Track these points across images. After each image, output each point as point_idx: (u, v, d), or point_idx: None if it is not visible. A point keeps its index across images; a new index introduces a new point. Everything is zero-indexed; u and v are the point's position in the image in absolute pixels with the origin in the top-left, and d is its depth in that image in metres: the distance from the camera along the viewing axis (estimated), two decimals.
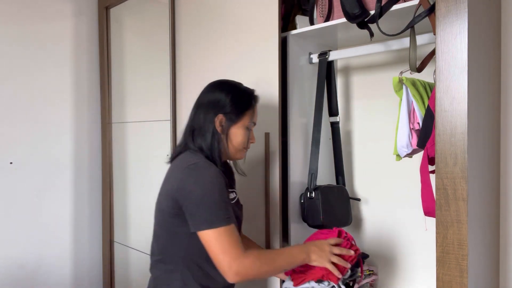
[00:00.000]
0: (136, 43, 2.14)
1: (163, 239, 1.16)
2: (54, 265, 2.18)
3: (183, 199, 1.06)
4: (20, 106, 2.05)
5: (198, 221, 1.05)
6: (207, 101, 1.18)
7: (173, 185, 1.10)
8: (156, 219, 1.19)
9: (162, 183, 1.18)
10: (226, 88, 1.19)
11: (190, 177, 1.07)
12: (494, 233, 1.17)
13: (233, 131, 1.17)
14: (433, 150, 1.07)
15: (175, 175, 1.13)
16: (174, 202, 1.09)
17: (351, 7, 1.21)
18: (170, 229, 1.13)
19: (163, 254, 1.16)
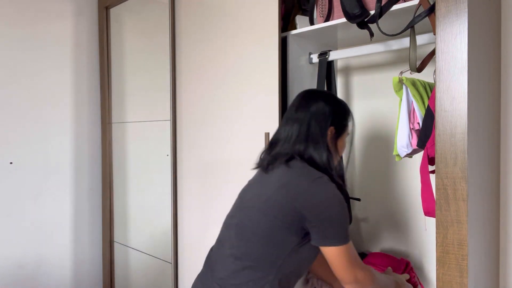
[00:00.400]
0: (136, 43, 2.14)
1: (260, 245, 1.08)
2: (54, 265, 2.18)
3: (312, 213, 1.04)
4: (20, 106, 2.05)
5: (330, 236, 1.04)
6: (316, 112, 1.15)
7: (296, 195, 1.05)
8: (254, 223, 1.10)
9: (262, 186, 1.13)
10: (330, 99, 1.19)
11: (321, 192, 1.06)
12: (494, 233, 1.17)
13: (340, 142, 1.20)
14: (433, 150, 1.07)
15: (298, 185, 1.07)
16: (293, 212, 1.05)
17: (351, 7, 1.21)
18: (274, 237, 1.07)
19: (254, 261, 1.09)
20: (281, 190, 1.08)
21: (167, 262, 1.95)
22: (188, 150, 1.80)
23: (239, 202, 1.20)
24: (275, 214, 1.06)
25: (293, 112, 1.18)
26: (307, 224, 1.05)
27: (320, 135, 1.14)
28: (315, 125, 1.14)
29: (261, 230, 1.08)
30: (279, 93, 1.42)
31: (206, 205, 1.73)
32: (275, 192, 1.08)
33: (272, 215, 1.06)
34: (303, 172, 1.09)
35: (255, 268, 1.08)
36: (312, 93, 1.22)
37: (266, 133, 1.46)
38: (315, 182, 1.06)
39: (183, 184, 1.83)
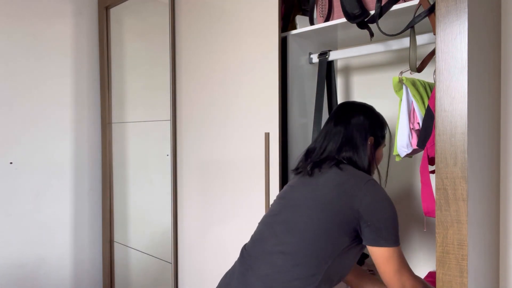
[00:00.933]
0: (136, 43, 2.14)
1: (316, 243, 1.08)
2: (54, 265, 2.18)
3: (369, 212, 1.06)
4: (20, 106, 2.05)
5: (382, 236, 1.05)
6: (357, 122, 1.22)
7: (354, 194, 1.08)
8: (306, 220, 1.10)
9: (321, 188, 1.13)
10: (369, 111, 1.26)
11: (377, 192, 1.09)
12: (494, 233, 1.17)
13: (379, 152, 1.26)
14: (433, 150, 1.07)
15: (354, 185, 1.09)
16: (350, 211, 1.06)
17: (351, 7, 1.21)
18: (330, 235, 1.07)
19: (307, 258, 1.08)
20: (337, 188, 1.10)
21: (167, 262, 1.95)
22: (188, 150, 1.80)
23: (284, 202, 1.18)
24: (331, 211, 1.08)
25: (333, 125, 1.24)
26: (362, 223, 1.06)
27: (361, 145, 1.19)
28: (357, 135, 1.20)
29: (315, 226, 1.08)
30: (279, 93, 1.42)
31: (206, 205, 1.73)
32: (331, 190, 1.11)
33: (328, 212, 1.08)
34: (357, 174, 1.13)
35: (305, 265, 1.07)
36: (351, 105, 1.28)
37: (266, 133, 1.46)
38: (370, 182, 1.10)
39: (183, 184, 1.83)
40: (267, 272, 1.09)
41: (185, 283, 1.85)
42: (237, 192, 1.59)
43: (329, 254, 1.07)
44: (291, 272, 1.08)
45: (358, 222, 1.07)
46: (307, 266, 1.07)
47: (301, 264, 1.07)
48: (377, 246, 1.06)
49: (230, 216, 1.62)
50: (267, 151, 1.46)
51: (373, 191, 1.08)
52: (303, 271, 1.07)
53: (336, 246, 1.08)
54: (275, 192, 1.45)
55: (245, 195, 1.55)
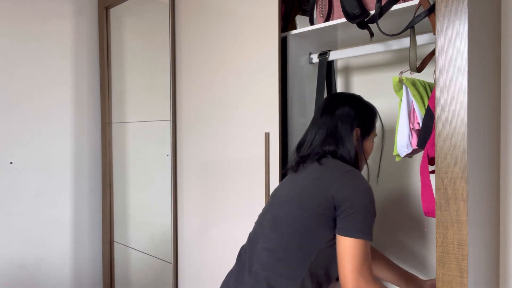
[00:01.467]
0: (136, 43, 2.14)
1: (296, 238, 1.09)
2: (54, 265, 2.18)
3: (344, 202, 1.04)
4: (20, 106, 2.06)
5: (353, 227, 1.03)
6: (342, 113, 1.20)
7: (330, 186, 1.07)
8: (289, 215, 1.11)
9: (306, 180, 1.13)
10: (356, 101, 1.23)
11: (354, 183, 1.07)
12: (494, 233, 1.17)
13: (367, 144, 1.23)
14: (433, 150, 1.07)
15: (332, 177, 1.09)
16: (327, 202, 1.06)
17: (351, 7, 1.21)
18: (311, 229, 1.08)
19: (288, 253, 1.09)
20: (315, 182, 1.11)
21: (167, 262, 1.95)
22: (188, 150, 1.80)
23: (271, 200, 1.21)
24: (310, 205, 1.08)
25: (319, 116, 1.23)
26: (338, 213, 1.05)
27: (346, 136, 1.18)
28: (341, 126, 1.19)
29: (297, 221, 1.09)
30: (279, 93, 1.42)
31: (206, 205, 1.73)
32: (309, 185, 1.11)
33: (308, 206, 1.08)
34: (336, 166, 1.13)
35: (287, 261, 1.08)
36: (339, 96, 1.26)
37: (266, 133, 1.46)
38: (348, 173, 1.09)
39: (183, 184, 1.83)
40: (256, 269, 1.11)
41: (185, 283, 1.85)
42: (237, 192, 1.59)
43: (311, 249, 1.07)
44: (275, 268, 1.09)
45: (335, 213, 1.06)
46: (289, 262, 1.08)
47: (283, 260, 1.08)
48: (345, 235, 1.02)
49: (230, 216, 1.62)
50: (267, 151, 1.46)
51: (350, 181, 1.07)
52: (286, 267, 1.08)
53: (317, 240, 1.07)
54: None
55: (245, 195, 1.55)
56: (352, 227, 1.03)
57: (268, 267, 1.10)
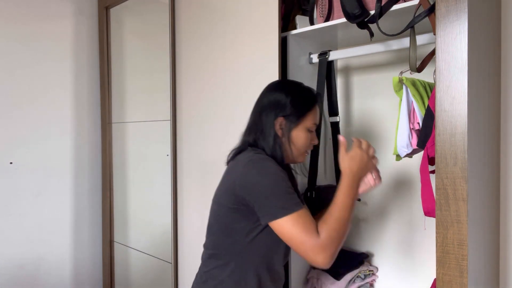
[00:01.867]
0: (136, 43, 2.14)
1: (218, 234, 1.14)
2: (54, 265, 2.18)
3: (250, 193, 1.03)
4: (20, 106, 2.05)
5: (271, 211, 1.00)
6: (267, 102, 1.15)
7: (234, 180, 1.07)
8: (213, 213, 1.17)
9: (221, 180, 1.16)
10: (286, 89, 1.16)
11: (253, 170, 1.04)
12: (494, 233, 1.17)
13: (294, 134, 1.13)
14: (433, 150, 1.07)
15: (236, 170, 1.09)
16: (236, 197, 1.06)
17: (351, 7, 1.21)
18: (227, 225, 1.11)
19: (216, 249, 1.14)
20: (224, 178, 1.14)
21: (167, 262, 1.95)
22: (188, 150, 1.80)
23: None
24: (223, 202, 1.11)
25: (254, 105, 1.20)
26: (251, 203, 1.04)
27: (265, 126, 1.13)
28: (265, 116, 1.14)
29: (215, 220, 1.16)
30: None
31: (206, 205, 1.72)
32: (221, 182, 1.15)
33: (222, 203, 1.12)
34: (242, 157, 1.11)
35: (217, 255, 1.14)
36: (272, 84, 1.22)
37: None
38: (249, 162, 1.06)
39: (183, 184, 1.83)
40: (200, 265, 1.21)
41: (185, 283, 1.85)
42: None
43: (235, 242, 1.10)
44: (209, 262, 1.16)
45: (247, 205, 1.05)
46: (219, 256, 1.14)
47: (215, 255, 1.15)
48: (271, 220, 1.00)
49: None
50: None
51: (248, 169, 1.05)
52: (217, 261, 1.14)
53: (237, 235, 1.09)
54: None
55: None
56: (271, 210, 1.00)
57: (205, 262, 1.18)
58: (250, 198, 1.04)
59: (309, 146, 1.19)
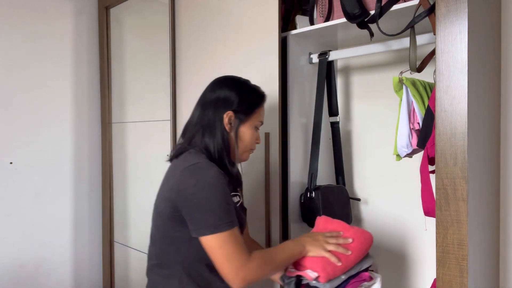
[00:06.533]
0: (136, 43, 2.14)
1: (160, 243, 1.10)
2: (54, 265, 2.18)
3: (183, 203, 1.00)
4: (20, 106, 2.05)
5: (200, 226, 0.99)
6: (216, 97, 1.11)
7: (171, 187, 1.04)
8: (154, 222, 1.13)
9: (160, 185, 1.13)
10: (235, 85, 1.14)
11: (190, 179, 1.00)
12: (494, 233, 1.17)
13: (242, 130, 1.12)
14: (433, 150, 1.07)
15: (173, 176, 1.06)
16: (172, 205, 1.03)
17: (351, 7, 1.21)
18: (168, 233, 1.07)
19: (160, 259, 1.11)
20: (162, 185, 1.11)
21: None
22: None
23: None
24: (160, 210, 1.09)
25: (197, 101, 1.17)
26: (183, 213, 1.01)
27: (213, 121, 1.09)
28: (212, 110, 1.10)
29: (155, 229, 1.12)
30: (279, 93, 1.42)
31: None
32: (160, 188, 1.11)
33: (159, 211, 1.09)
34: (179, 163, 1.07)
35: (161, 265, 1.10)
36: (219, 79, 1.18)
37: (266, 133, 1.46)
38: (185, 170, 1.02)
39: None
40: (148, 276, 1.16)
41: None
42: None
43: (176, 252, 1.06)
44: (153, 273, 1.13)
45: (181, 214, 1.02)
46: (163, 266, 1.10)
47: (158, 265, 1.11)
48: (200, 235, 0.99)
49: None
50: (267, 151, 1.46)
51: (185, 178, 1.01)
52: (162, 270, 1.10)
53: (177, 243, 1.06)
54: (275, 192, 1.45)
55: (245, 195, 1.55)
56: (201, 225, 0.98)
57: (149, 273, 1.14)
58: (183, 208, 1.01)
59: (253, 145, 1.17)
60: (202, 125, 1.11)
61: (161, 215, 1.09)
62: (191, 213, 1.00)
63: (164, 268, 1.10)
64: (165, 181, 1.11)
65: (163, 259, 1.10)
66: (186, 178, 1.01)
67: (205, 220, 0.98)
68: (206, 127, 1.10)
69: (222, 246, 0.97)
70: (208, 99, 1.14)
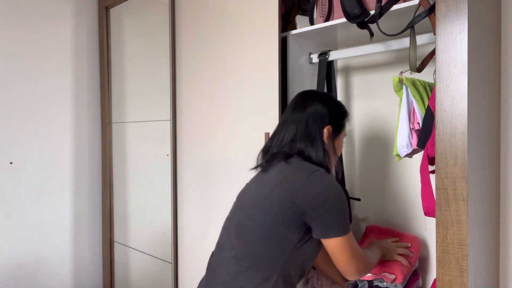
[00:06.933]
0: (136, 43, 2.14)
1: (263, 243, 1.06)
2: (54, 265, 2.18)
3: (313, 207, 1.03)
4: (20, 106, 2.05)
5: (330, 228, 1.04)
6: (313, 111, 1.17)
7: (295, 190, 1.05)
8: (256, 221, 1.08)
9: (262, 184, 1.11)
10: (326, 100, 1.20)
11: (320, 184, 1.05)
12: (494, 233, 1.17)
13: (337, 143, 1.20)
14: (433, 150, 1.07)
15: (296, 180, 1.06)
16: (295, 208, 1.04)
17: (351, 7, 1.21)
18: (277, 234, 1.05)
19: (256, 260, 1.06)
20: (279, 186, 1.07)
21: (167, 262, 1.95)
22: (188, 150, 1.80)
23: (237, 204, 1.20)
24: (275, 211, 1.05)
25: (290, 113, 1.20)
26: (307, 218, 1.04)
27: (317, 134, 1.15)
28: (313, 124, 1.16)
29: (261, 228, 1.07)
30: (279, 93, 1.42)
31: (206, 205, 1.73)
32: (273, 188, 1.08)
33: (272, 212, 1.06)
34: (300, 167, 1.09)
35: (257, 268, 1.06)
36: (310, 93, 1.23)
37: (266, 133, 1.46)
38: (313, 175, 1.06)
39: (183, 184, 1.83)
40: (225, 278, 1.09)
41: (185, 283, 1.85)
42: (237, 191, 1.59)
43: (280, 253, 1.06)
44: (244, 276, 1.06)
45: (304, 217, 1.04)
46: (259, 269, 1.06)
47: (252, 267, 1.06)
48: (327, 238, 1.05)
49: None
50: None
51: (314, 183, 1.05)
52: (256, 274, 1.05)
53: (285, 245, 1.06)
54: None
55: None
56: (330, 228, 1.04)
57: (238, 276, 1.07)
58: (312, 211, 1.03)
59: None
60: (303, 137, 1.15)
61: (273, 215, 1.06)
62: (322, 216, 1.03)
63: (259, 271, 1.06)
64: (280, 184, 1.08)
65: (260, 261, 1.06)
66: (316, 183, 1.05)
67: (336, 224, 1.04)
68: (308, 140, 1.15)
69: (349, 246, 1.05)
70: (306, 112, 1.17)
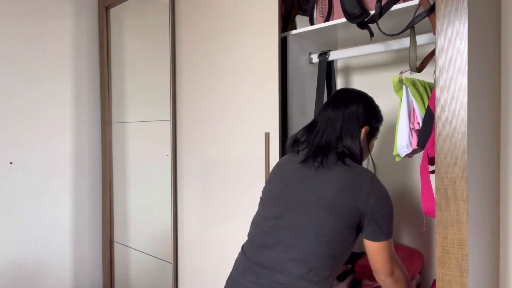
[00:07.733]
0: (136, 43, 2.14)
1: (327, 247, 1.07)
2: (54, 265, 2.18)
3: (371, 211, 1.08)
4: (20, 106, 2.05)
5: (383, 232, 1.09)
6: (355, 110, 1.20)
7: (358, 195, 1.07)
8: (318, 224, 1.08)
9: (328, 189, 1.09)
10: (365, 100, 1.23)
11: (379, 190, 1.10)
12: (494, 233, 1.17)
13: (371, 144, 1.26)
14: (433, 150, 1.07)
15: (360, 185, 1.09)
16: (357, 211, 1.08)
17: (351, 7, 1.21)
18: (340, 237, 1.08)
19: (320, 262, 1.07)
20: (345, 191, 1.09)
21: (167, 262, 1.95)
22: (188, 150, 1.80)
23: (282, 203, 1.14)
24: (341, 215, 1.08)
25: (331, 109, 1.21)
26: (365, 221, 1.09)
27: (357, 132, 1.18)
28: (354, 122, 1.19)
29: (326, 229, 1.07)
30: (279, 93, 1.42)
31: (206, 205, 1.73)
32: (339, 193, 1.08)
33: (338, 216, 1.07)
34: (360, 171, 1.13)
35: (320, 269, 1.07)
36: (351, 92, 1.26)
37: (266, 133, 1.46)
38: (373, 180, 1.11)
39: (183, 184, 1.83)
40: (284, 280, 1.07)
41: (185, 283, 1.85)
42: (237, 191, 1.59)
43: (340, 254, 1.11)
44: (307, 278, 1.06)
45: (361, 219, 1.09)
46: (322, 269, 1.07)
47: (315, 268, 1.07)
48: (375, 241, 1.09)
49: (230, 216, 1.62)
50: (267, 151, 1.46)
51: (377, 190, 1.10)
52: (319, 274, 1.07)
53: (345, 244, 1.11)
54: None
55: (245, 194, 1.55)
56: (380, 232, 1.09)
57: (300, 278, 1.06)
58: (371, 216, 1.08)
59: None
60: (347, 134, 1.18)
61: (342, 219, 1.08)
62: (378, 221, 1.09)
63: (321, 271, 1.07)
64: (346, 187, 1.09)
65: (323, 263, 1.07)
66: (376, 189, 1.10)
67: (387, 228, 1.10)
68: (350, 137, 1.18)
69: (390, 248, 1.11)
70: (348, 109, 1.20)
